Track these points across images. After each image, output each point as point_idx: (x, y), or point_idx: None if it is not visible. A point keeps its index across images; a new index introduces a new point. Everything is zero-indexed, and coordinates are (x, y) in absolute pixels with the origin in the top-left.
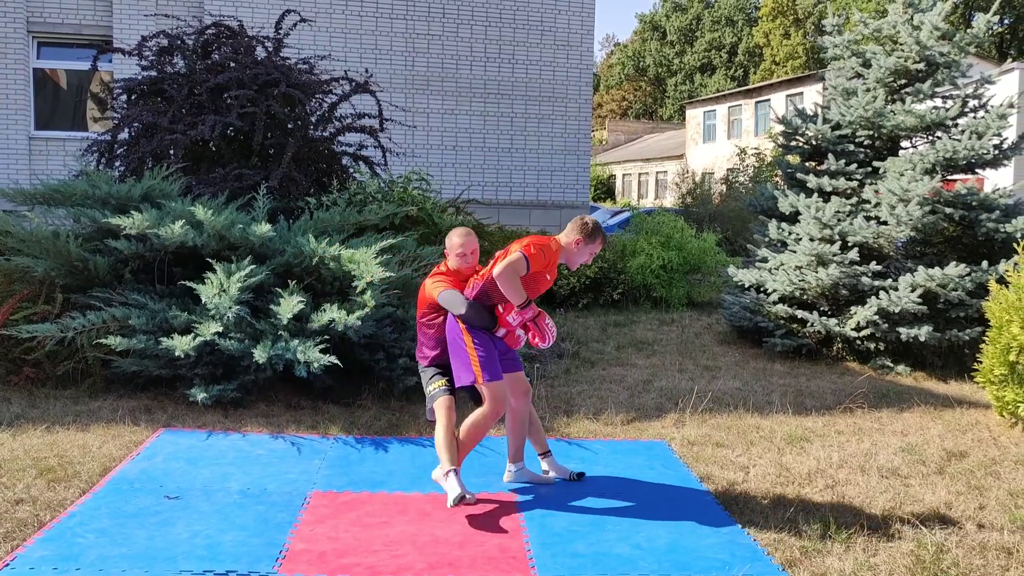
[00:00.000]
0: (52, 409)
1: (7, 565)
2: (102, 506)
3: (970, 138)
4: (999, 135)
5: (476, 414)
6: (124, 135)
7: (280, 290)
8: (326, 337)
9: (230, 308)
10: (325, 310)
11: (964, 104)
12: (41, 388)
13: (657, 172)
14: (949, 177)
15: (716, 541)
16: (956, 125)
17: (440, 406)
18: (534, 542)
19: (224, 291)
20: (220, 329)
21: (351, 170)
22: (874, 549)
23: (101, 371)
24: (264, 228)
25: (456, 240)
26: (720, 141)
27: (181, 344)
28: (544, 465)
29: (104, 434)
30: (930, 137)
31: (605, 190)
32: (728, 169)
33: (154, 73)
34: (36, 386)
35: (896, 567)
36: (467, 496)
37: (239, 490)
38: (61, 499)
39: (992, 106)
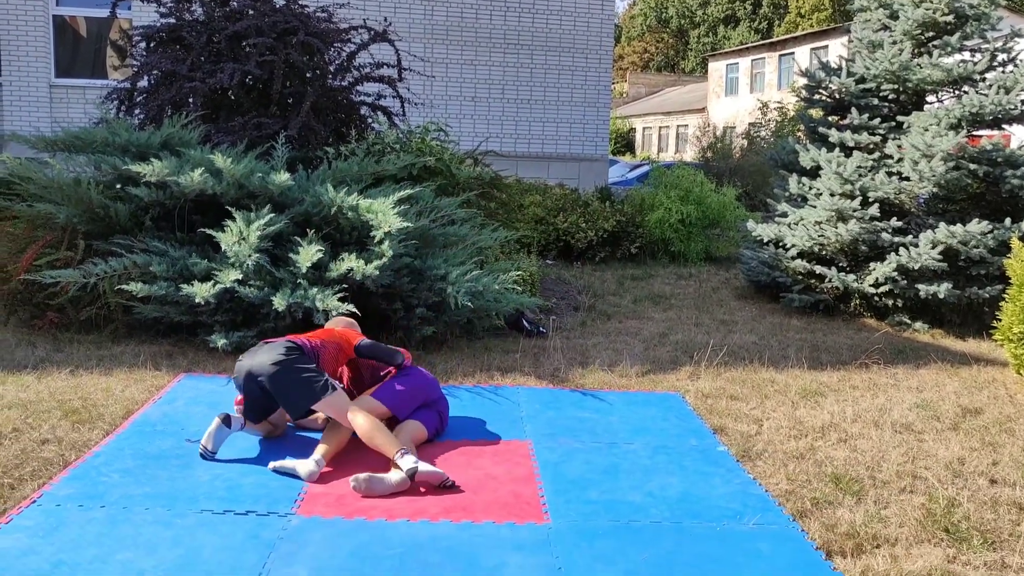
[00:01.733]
0: (76, 353)
1: (34, 502)
2: (125, 447)
3: (997, 93)
4: None
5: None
6: (143, 83)
7: (299, 239)
8: (344, 286)
9: (249, 256)
10: (343, 259)
11: (993, 58)
12: (65, 333)
13: (678, 126)
14: (975, 133)
15: (728, 491)
16: (984, 79)
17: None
18: (547, 489)
19: (244, 239)
20: (240, 277)
21: (369, 120)
22: (885, 502)
23: (123, 317)
24: (283, 177)
25: None
26: (743, 95)
27: (201, 291)
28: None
29: (127, 378)
30: (956, 91)
31: (625, 144)
32: (750, 124)
33: (173, 20)
34: (60, 331)
35: (907, 519)
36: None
37: (261, 438)
38: (85, 440)
39: (1021, 60)
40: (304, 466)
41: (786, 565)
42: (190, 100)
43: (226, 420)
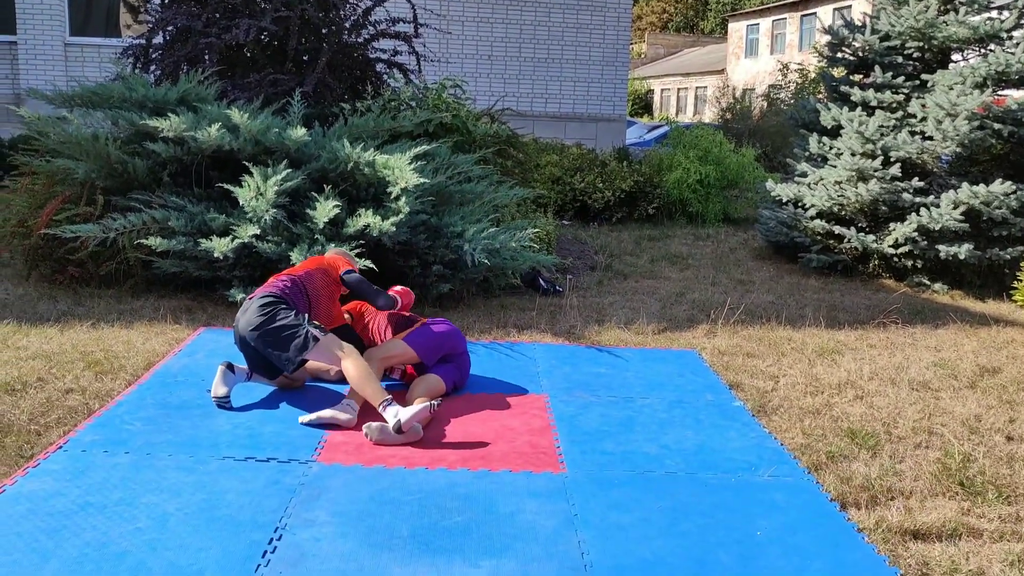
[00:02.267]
0: (96, 307)
1: (61, 447)
2: (147, 397)
3: None
4: None
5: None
6: (159, 39)
7: (316, 195)
8: (361, 242)
9: (267, 211)
10: (360, 215)
11: (1020, 16)
12: (85, 287)
13: (696, 87)
14: (1000, 92)
15: (743, 444)
16: (1011, 37)
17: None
18: (563, 440)
19: (261, 194)
20: (257, 232)
21: (385, 76)
22: (901, 456)
23: (142, 272)
24: (300, 133)
25: None
26: (763, 56)
27: (219, 246)
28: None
29: (147, 331)
30: (982, 50)
31: (643, 105)
32: (770, 85)
33: None
34: (80, 285)
35: (921, 473)
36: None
37: (278, 386)
38: (108, 389)
39: None
40: (341, 413)
41: (800, 515)
42: (206, 56)
43: (229, 367)
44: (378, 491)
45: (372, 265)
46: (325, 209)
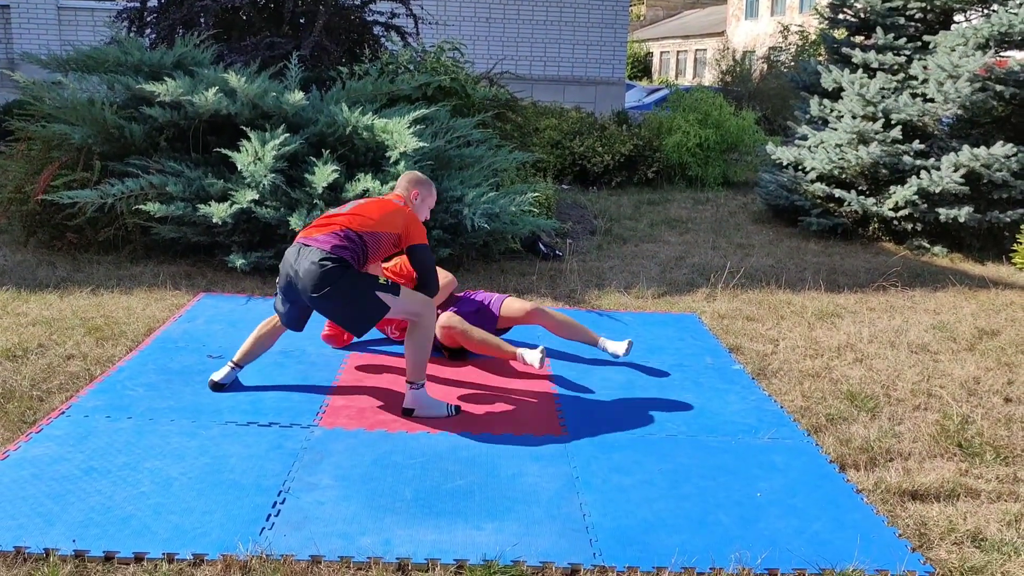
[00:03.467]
0: (96, 273)
1: (63, 413)
2: (148, 363)
3: None
4: None
5: None
6: (153, 2)
7: (314, 159)
8: None
9: (265, 176)
10: (359, 180)
11: None
12: (84, 253)
13: (696, 50)
14: (1003, 54)
15: (743, 407)
16: None
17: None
18: (565, 404)
19: (259, 159)
20: (256, 197)
21: (383, 40)
22: (899, 418)
23: (141, 238)
24: (297, 97)
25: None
26: (763, 18)
27: (218, 211)
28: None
29: (147, 297)
30: (985, 10)
31: (642, 68)
32: (770, 48)
33: None
34: (79, 251)
35: (920, 435)
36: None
37: (279, 351)
38: (110, 355)
39: None
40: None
41: (800, 476)
42: (201, 19)
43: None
44: (381, 455)
45: None
46: (324, 174)
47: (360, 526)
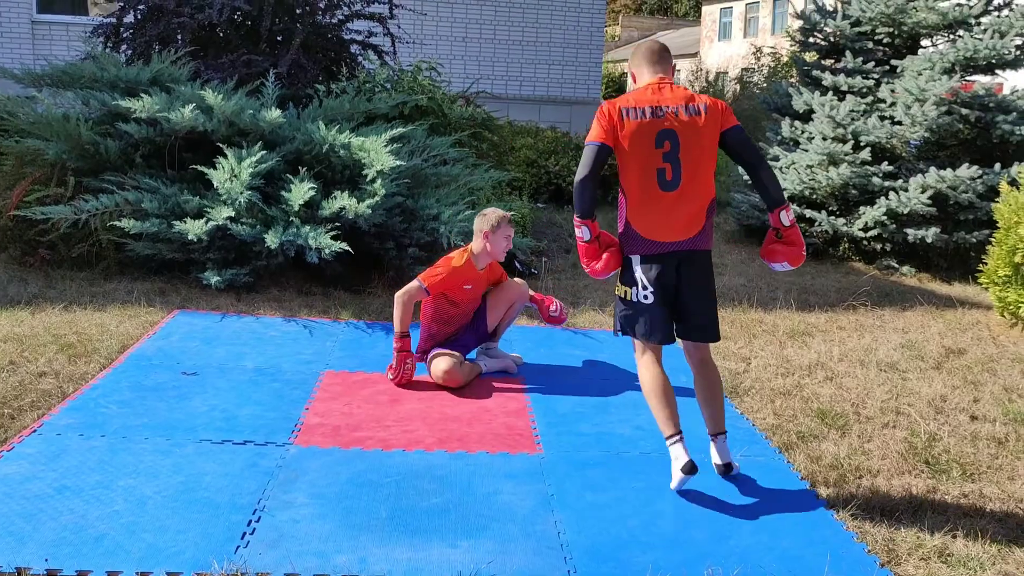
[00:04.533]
0: (68, 290)
1: (35, 431)
2: (122, 380)
3: (992, 37)
4: (1022, 35)
5: None
6: (129, 18)
7: (291, 177)
8: (337, 224)
9: (242, 193)
10: (336, 197)
11: (988, 2)
12: (57, 270)
13: None
14: (968, 78)
15: None
16: (979, 23)
17: None
18: (540, 421)
19: (235, 176)
20: (232, 214)
21: (360, 58)
22: (869, 436)
23: (115, 254)
24: (274, 114)
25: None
26: (736, 40)
27: (194, 228)
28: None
29: (121, 314)
30: (951, 36)
31: (616, 88)
32: (743, 69)
33: None
34: (52, 267)
35: (889, 452)
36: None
37: (254, 368)
38: (83, 373)
39: (1017, 4)
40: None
41: (771, 494)
42: (178, 36)
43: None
44: (356, 473)
45: (347, 247)
46: (300, 191)
47: (336, 544)
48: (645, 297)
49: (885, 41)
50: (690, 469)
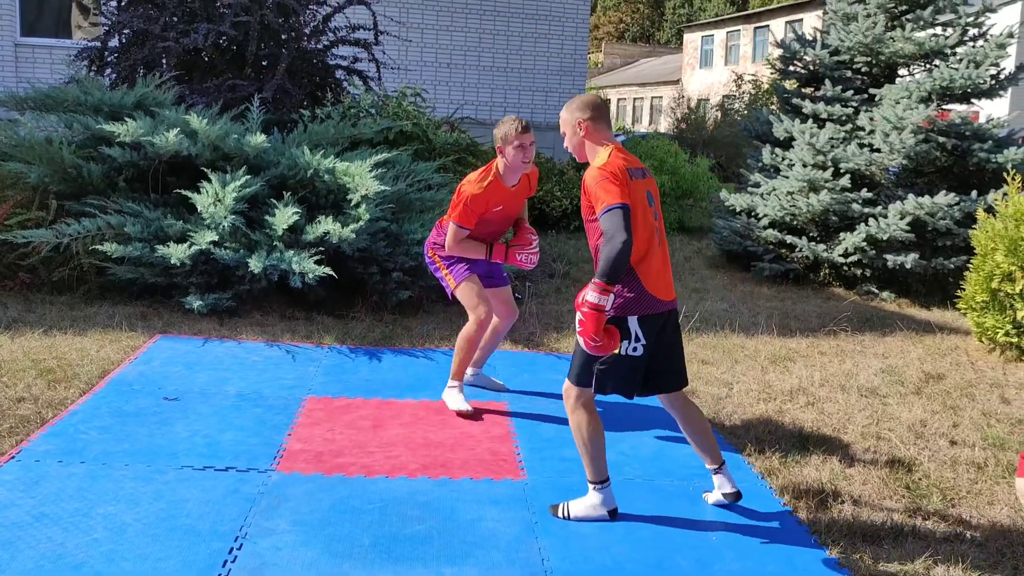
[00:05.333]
0: (49, 314)
1: (13, 458)
2: (103, 406)
3: (967, 67)
4: (997, 65)
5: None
6: (114, 42)
7: (275, 201)
8: (320, 249)
9: (225, 217)
10: (320, 222)
11: (964, 32)
12: (37, 294)
13: (652, 97)
14: (945, 107)
15: None
16: (955, 54)
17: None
18: (523, 447)
19: (219, 200)
20: (215, 238)
21: (345, 84)
22: (850, 461)
23: (96, 278)
24: (259, 139)
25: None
26: (717, 67)
27: (177, 252)
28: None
29: (101, 339)
30: (928, 65)
31: None
32: (724, 96)
33: None
34: (32, 292)
35: (870, 477)
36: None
37: (236, 394)
38: (62, 398)
39: (992, 35)
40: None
41: (754, 519)
42: (163, 60)
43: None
44: (338, 500)
45: (331, 272)
46: (284, 216)
47: (318, 572)
48: (635, 350)
49: (863, 70)
50: (615, 513)
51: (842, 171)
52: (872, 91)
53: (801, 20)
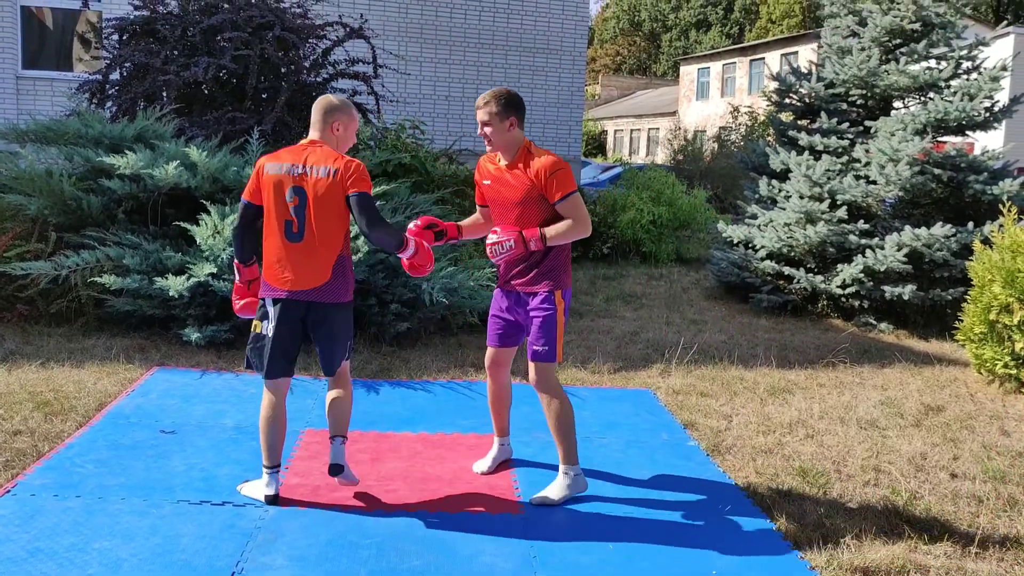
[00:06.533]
0: (46, 346)
1: (8, 492)
2: (99, 439)
3: (962, 100)
4: (991, 98)
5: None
6: (115, 75)
7: None
8: None
9: (224, 250)
10: None
11: (958, 66)
12: (34, 326)
13: (649, 129)
14: (940, 139)
15: (698, 483)
16: (949, 86)
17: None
18: (521, 480)
19: (218, 232)
20: (214, 270)
21: None
22: (850, 495)
23: (94, 310)
24: None
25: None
26: (713, 99)
27: (175, 284)
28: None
29: (99, 371)
30: (922, 98)
31: (596, 146)
32: (720, 127)
33: (146, 13)
34: (29, 323)
35: (871, 512)
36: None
37: (233, 426)
38: (59, 431)
39: (985, 68)
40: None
41: (754, 554)
42: (163, 93)
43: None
44: (336, 535)
45: None
46: None
47: None
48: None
49: (859, 103)
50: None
51: (839, 203)
52: (867, 123)
53: (796, 53)
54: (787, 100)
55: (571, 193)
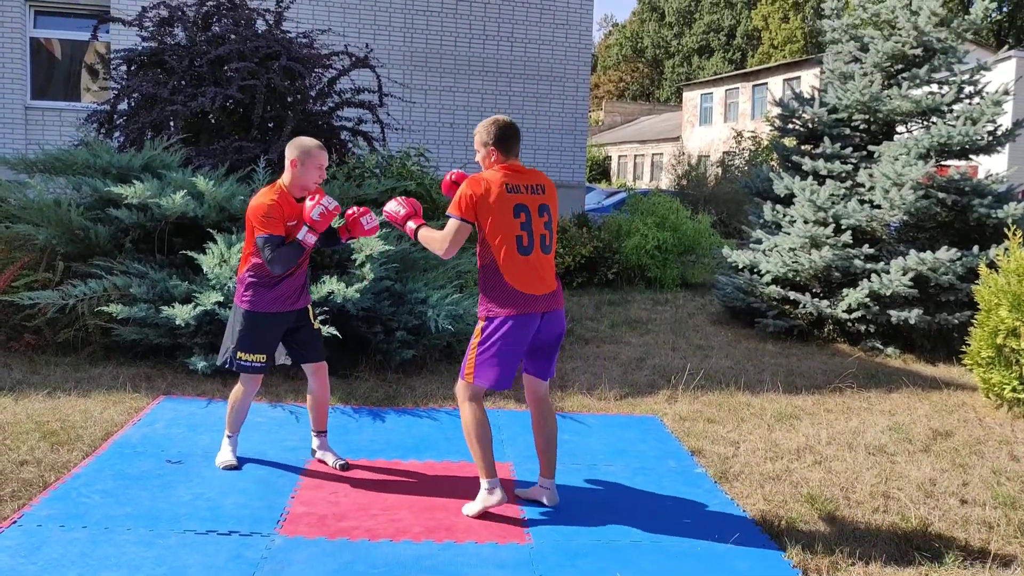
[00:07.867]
0: (53, 375)
1: (15, 523)
2: (105, 469)
3: (965, 124)
4: (993, 121)
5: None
6: (123, 106)
7: None
8: (325, 309)
9: (230, 278)
10: (324, 282)
11: (960, 90)
12: (41, 355)
13: (653, 154)
14: (943, 163)
15: (705, 511)
16: (951, 111)
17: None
18: (528, 510)
19: (225, 261)
20: (220, 299)
21: (350, 145)
22: (859, 521)
23: (101, 339)
24: None
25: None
26: (716, 124)
27: (182, 313)
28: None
29: (105, 400)
30: (925, 122)
31: (601, 171)
32: (724, 152)
33: (154, 44)
34: (36, 353)
35: (880, 539)
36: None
37: (240, 455)
38: (65, 461)
39: (988, 92)
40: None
41: None
42: (171, 123)
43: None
44: (342, 564)
45: (336, 332)
46: None
47: None
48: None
49: (862, 127)
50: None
51: (843, 227)
52: (871, 148)
53: (799, 77)
54: (790, 125)
55: (453, 217)
